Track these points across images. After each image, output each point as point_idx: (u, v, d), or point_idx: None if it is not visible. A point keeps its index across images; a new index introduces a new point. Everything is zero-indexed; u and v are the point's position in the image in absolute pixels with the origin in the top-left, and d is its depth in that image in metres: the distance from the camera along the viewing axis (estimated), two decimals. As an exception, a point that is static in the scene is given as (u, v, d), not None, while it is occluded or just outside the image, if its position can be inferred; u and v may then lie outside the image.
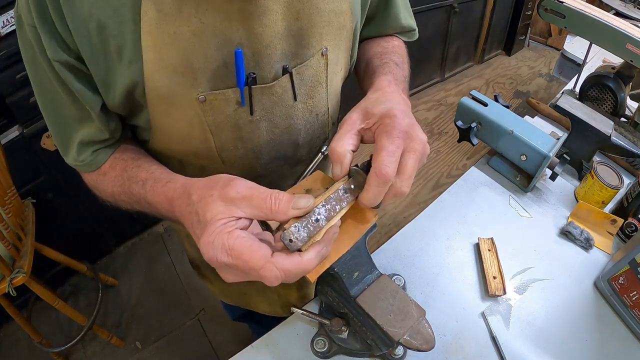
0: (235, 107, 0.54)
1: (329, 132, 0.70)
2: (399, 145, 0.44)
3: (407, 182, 0.44)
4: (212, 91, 0.51)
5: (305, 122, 0.63)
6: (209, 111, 0.53)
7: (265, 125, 0.59)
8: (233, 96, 0.53)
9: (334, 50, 0.60)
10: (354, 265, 0.56)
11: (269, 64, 0.53)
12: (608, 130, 0.88)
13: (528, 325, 0.70)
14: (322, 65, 0.59)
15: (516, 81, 3.25)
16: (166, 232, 2.13)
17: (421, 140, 0.46)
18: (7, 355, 1.71)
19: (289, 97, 0.57)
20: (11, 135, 1.46)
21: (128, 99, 0.52)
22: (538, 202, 0.90)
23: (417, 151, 0.45)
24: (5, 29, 1.27)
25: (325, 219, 0.42)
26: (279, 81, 0.55)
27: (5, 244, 1.25)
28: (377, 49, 0.70)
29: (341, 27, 0.59)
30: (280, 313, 1.03)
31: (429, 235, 0.83)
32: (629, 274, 0.69)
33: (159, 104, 0.52)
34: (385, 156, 0.43)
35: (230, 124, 0.56)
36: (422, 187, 2.39)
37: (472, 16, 3.06)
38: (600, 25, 0.95)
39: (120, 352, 1.69)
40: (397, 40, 0.75)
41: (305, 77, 0.58)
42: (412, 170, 0.44)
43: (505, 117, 0.88)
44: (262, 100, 0.55)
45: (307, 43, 0.55)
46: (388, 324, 0.53)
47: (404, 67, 0.66)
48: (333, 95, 0.66)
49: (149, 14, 0.44)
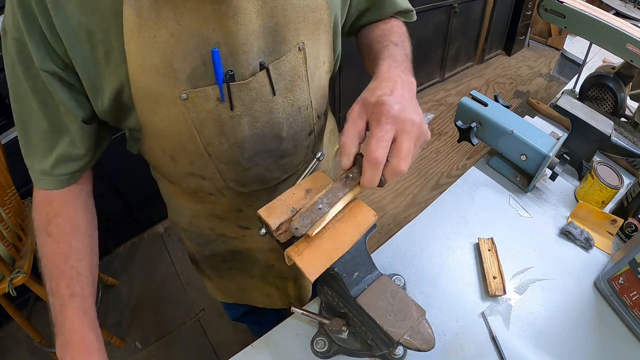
0: (216, 104, 0.56)
1: (313, 125, 0.71)
2: (388, 130, 0.47)
3: (404, 162, 0.48)
4: (193, 89, 0.54)
5: (287, 115, 0.64)
6: (191, 108, 0.55)
7: (246, 120, 0.60)
8: (213, 93, 0.55)
9: (312, 44, 0.61)
10: (354, 265, 0.56)
11: (247, 60, 0.55)
12: (608, 130, 0.88)
13: (528, 325, 0.70)
14: (300, 60, 0.60)
15: (516, 81, 3.25)
16: (166, 232, 2.13)
17: (413, 121, 0.49)
18: (7, 355, 1.71)
19: (268, 92, 0.59)
20: (11, 135, 1.46)
21: (116, 101, 0.54)
22: (538, 202, 0.90)
23: (410, 132, 0.48)
24: (5, 29, 1.27)
25: (327, 205, 0.50)
26: (255, 77, 0.56)
27: (5, 244, 1.25)
28: (376, 31, 0.72)
29: (318, 22, 0.60)
30: (279, 305, 1.03)
31: (429, 235, 0.83)
32: (629, 274, 0.69)
33: (145, 104, 0.55)
34: (373, 142, 0.47)
35: (213, 120, 0.58)
36: (422, 187, 2.38)
37: (472, 16, 3.06)
38: (600, 25, 0.95)
39: (120, 352, 1.69)
40: (396, 20, 0.75)
41: (283, 71, 0.59)
42: (407, 150, 0.48)
43: (505, 117, 0.88)
44: (241, 96, 0.57)
45: (283, 39, 0.57)
46: (388, 324, 0.53)
47: (404, 46, 0.67)
48: (316, 89, 0.67)
49: (130, 20, 0.47)
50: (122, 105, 0.56)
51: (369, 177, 0.49)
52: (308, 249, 0.51)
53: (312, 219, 0.49)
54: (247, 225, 0.82)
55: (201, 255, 0.94)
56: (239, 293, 1.04)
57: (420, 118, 0.50)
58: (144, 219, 2.07)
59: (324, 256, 0.51)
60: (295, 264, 0.51)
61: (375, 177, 0.49)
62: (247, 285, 1.01)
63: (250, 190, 0.72)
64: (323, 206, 0.50)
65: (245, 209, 0.77)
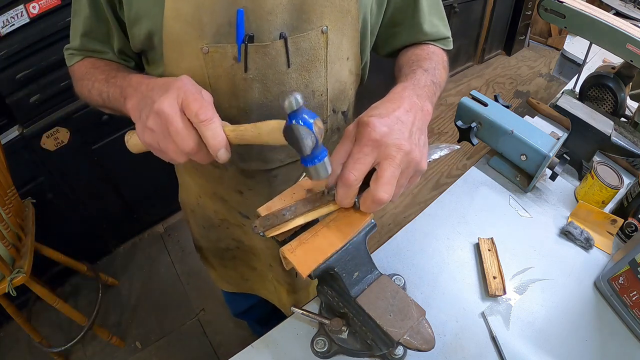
0: (232, 63, 0.60)
1: (327, 117, 0.71)
2: (367, 152, 0.47)
3: (384, 189, 0.47)
4: (215, 44, 0.58)
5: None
6: (210, 63, 0.59)
7: (258, 87, 0.62)
8: (231, 52, 0.58)
9: (335, 32, 0.62)
10: (354, 265, 0.56)
11: (269, 29, 0.58)
12: (608, 130, 0.88)
13: (528, 325, 0.70)
14: (322, 43, 0.62)
15: (516, 81, 3.25)
16: (166, 232, 2.13)
17: (398, 147, 0.47)
18: (7, 355, 1.71)
19: (283, 62, 0.61)
20: (11, 135, 1.46)
21: (149, 40, 0.61)
22: (538, 202, 0.90)
23: (393, 158, 0.47)
24: (5, 29, 1.27)
25: (292, 214, 0.53)
26: (273, 43, 0.59)
27: (5, 244, 1.25)
28: (410, 56, 0.71)
29: (344, 11, 0.61)
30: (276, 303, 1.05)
31: (429, 235, 0.83)
32: (628, 274, 0.69)
33: (172, 52, 0.60)
34: (350, 162, 0.48)
35: (227, 79, 0.61)
36: (422, 187, 2.39)
37: (472, 16, 3.05)
38: (600, 25, 0.95)
39: (120, 352, 1.69)
40: (434, 47, 0.75)
41: (301, 47, 0.61)
42: (389, 177, 0.47)
43: (505, 117, 0.88)
44: (256, 59, 0.59)
45: (308, 18, 0.59)
46: (388, 324, 0.53)
47: (435, 74, 0.65)
48: (334, 80, 0.67)
49: None
50: (154, 47, 0.62)
51: (340, 196, 0.50)
52: (301, 247, 0.52)
53: (272, 223, 0.53)
54: (247, 214, 0.84)
55: (206, 240, 0.96)
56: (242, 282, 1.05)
57: (412, 146, 0.48)
58: (144, 218, 2.08)
59: (316, 253, 0.52)
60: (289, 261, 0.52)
61: (346, 197, 0.49)
62: (249, 276, 1.02)
63: (251, 169, 0.73)
64: (288, 214, 0.53)
65: (246, 192, 0.78)
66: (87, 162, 1.66)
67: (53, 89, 1.44)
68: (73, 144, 1.57)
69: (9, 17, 1.26)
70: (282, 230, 0.53)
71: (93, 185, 1.74)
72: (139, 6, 0.58)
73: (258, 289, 1.05)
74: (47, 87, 1.43)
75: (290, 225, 0.53)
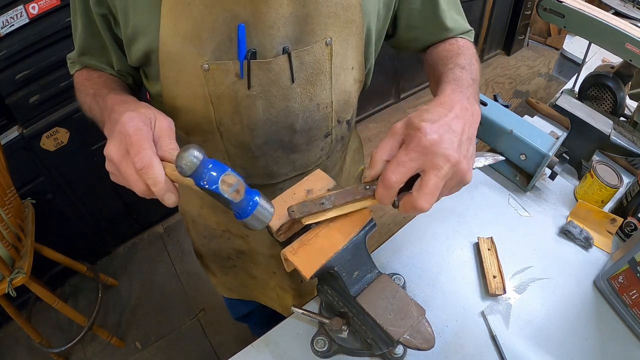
0: (234, 80, 0.58)
1: (331, 128, 0.70)
2: (414, 158, 0.45)
3: (425, 198, 0.45)
4: (215, 61, 0.56)
5: (303, 108, 0.64)
6: (211, 80, 0.58)
7: (261, 103, 0.61)
8: (233, 68, 0.57)
9: (340, 43, 0.61)
10: (353, 265, 0.56)
11: (271, 44, 0.56)
12: (607, 129, 0.88)
13: (528, 325, 0.70)
14: (326, 55, 0.60)
15: (515, 81, 3.25)
16: (166, 232, 2.13)
17: (447, 157, 0.45)
18: (7, 355, 1.71)
19: (287, 78, 0.60)
20: (11, 136, 1.46)
21: (146, 58, 0.59)
22: (537, 202, 0.90)
23: (440, 168, 0.45)
24: (5, 29, 1.27)
25: (330, 203, 0.51)
26: (276, 59, 0.57)
27: (5, 245, 1.25)
28: (442, 53, 0.68)
29: (349, 21, 0.60)
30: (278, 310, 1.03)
31: (429, 234, 0.83)
32: (628, 272, 0.69)
33: (169, 70, 0.58)
34: (394, 165, 0.46)
35: (230, 96, 0.59)
36: (422, 187, 2.38)
37: (471, 16, 3.06)
38: (600, 25, 0.95)
39: (120, 353, 1.69)
40: (463, 40, 0.72)
41: (305, 61, 0.59)
42: (432, 187, 0.45)
43: (504, 117, 0.88)
44: (259, 75, 0.58)
45: (311, 30, 0.57)
46: (388, 323, 0.53)
47: (471, 69, 0.62)
48: (339, 91, 0.66)
49: None
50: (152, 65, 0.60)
51: (379, 194, 0.48)
52: (303, 248, 0.52)
53: (310, 209, 0.51)
54: None
55: (207, 249, 0.95)
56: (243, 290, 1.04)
57: (460, 157, 0.46)
58: (144, 219, 2.07)
59: (319, 254, 0.52)
60: (291, 262, 0.52)
61: (385, 197, 0.47)
62: (249, 284, 1.01)
63: (255, 184, 0.72)
64: (327, 203, 0.51)
65: None
66: (87, 163, 1.66)
67: (53, 90, 1.44)
68: (73, 144, 1.57)
69: (9, 17, 1.26)
70: (318, 219, 0.52)
71: (93, 186, 1.74)
72: (135, 24, 0.56)
73: (258, 295, 1.05)
74: (47, 87, 1.43)
75: (327, 215, 0.52)
